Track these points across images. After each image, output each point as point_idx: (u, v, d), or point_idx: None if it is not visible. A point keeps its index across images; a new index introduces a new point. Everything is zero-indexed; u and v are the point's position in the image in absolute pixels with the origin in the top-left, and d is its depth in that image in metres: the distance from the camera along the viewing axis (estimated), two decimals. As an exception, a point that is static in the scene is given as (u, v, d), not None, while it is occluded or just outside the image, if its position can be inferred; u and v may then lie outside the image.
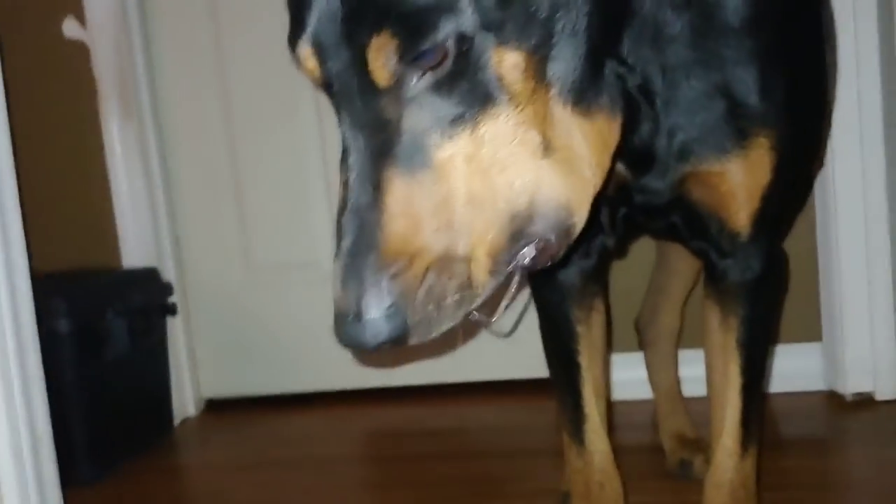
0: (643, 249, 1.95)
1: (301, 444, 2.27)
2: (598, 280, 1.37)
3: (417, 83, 0.83)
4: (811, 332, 2.26)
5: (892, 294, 2.10)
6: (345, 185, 0.87)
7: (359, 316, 0.84)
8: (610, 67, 0.98)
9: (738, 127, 1.13)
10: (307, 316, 2.52)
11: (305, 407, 2.53)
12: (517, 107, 0.86)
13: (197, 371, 2.59)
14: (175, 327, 2.48)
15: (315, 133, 2.46)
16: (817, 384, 2.25)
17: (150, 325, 2.30)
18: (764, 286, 1.26)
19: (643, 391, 2.07)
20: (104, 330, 2.14)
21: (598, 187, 0.95)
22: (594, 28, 0.91)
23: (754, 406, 1.30)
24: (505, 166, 0.86)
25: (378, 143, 0.85)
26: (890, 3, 1.97)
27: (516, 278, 0.92)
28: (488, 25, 0.83)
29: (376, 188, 0.85)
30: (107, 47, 2.39)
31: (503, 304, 0.94)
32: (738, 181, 1.15)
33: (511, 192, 0.87)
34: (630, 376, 2.18)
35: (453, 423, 2.33)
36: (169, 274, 2.48)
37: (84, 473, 2.06)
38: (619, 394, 2.25)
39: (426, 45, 0.81)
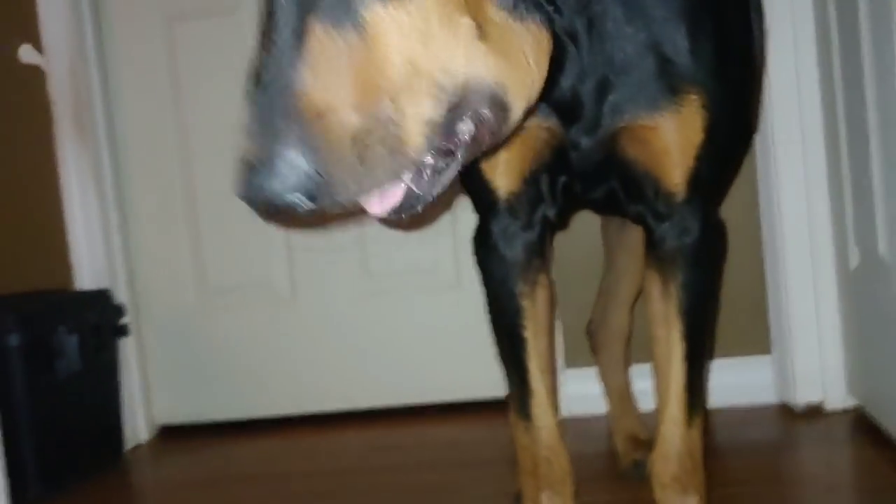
0: (599, 261, 1.99)
1: (257, 464, 2.24)
2: (541, 254, 1.38)
3: None
4: (760, 345, 2.30)
5: (838, 304, 2.14)
6: (262, 37, 0.83)
7: (266, 164, 0.78)
8: (538, 2, 0.97)
9: (668, 84, 1.17)
10: (262, 338, 2.52)
11: (263, 432, 2.50)
12: None
13: (150, 395, 2.56)
14: (128, 350, 2.46)
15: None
16: (768, 396, 2.28)
17: (102, 343, 2.29)
18: (702, 250, 1.28)
19: (598, 406, 2.10)
20: (55, 345, 2.12)
21: (538, 81, 0.94)
22: None
23: (698, 373, 1.32)
24: (437, 39, 0.84)
25: None
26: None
27: (458, 158, 0.88)
28: None
29: (297, 37, 0.80)
30: (62, 71, 2.41)
31: (442, 179, 0.89)
32: (671, 137, 1.19)
33: (444, 62, 0.85)
34: (585, 391, 2.20)
35: (410, 441, 2.31)
36: (122, 296, 2.46)
37: (33, 491, 2.03)
38: (574, 409, 2.27)
39: None
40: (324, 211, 0.82)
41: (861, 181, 1.88)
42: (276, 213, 0.82)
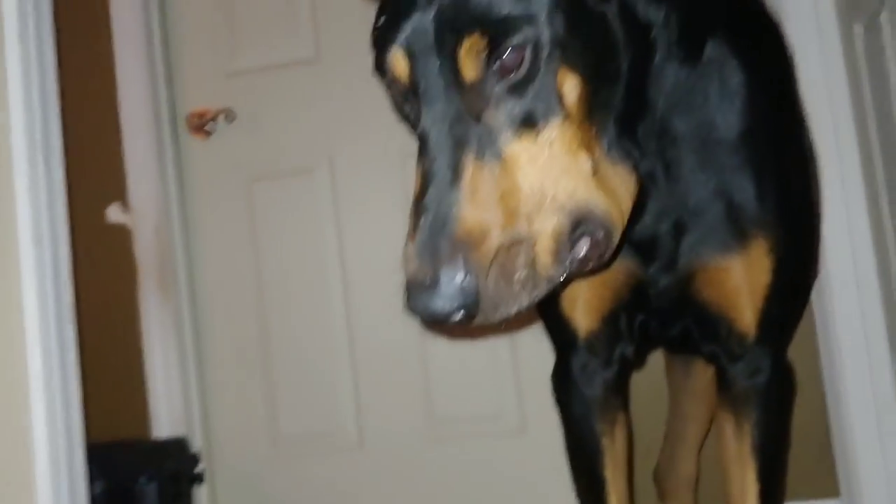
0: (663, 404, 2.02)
1: None
2: (619, 392, 1.43)
3: (497, 84, 0.98)
4: (829, 488, 2.28)
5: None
6: (422, 173, 0.98)
7: (434, 284, 0.92)
8: (627, 146, 1.12)
9: (738, 227, 1.26)
10: (331, 486, 2.56)
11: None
12: (573, 125, 1.00)
13: (221, 543, 2.60)
14: (201, 498, 2.52)
15: (341, 311, 2.59)
16: (838, 540, 2.26)
17: (179, 491, 2.35)
18: (774, 389, 1.34)
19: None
20: (136, 493, 2.19)
21: (624, 223, 1.07)
22: (624, 97, 1.08)
23: None
24: (563, 169, 0.99)
25: (459, 133, 0.98)
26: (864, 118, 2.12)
27: (569, 271, 1.01)
28: (558, 42, 0.98)
29: (455, 172, 0.96)
30: (148, 230, 2.57)
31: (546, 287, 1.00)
32: (742, 278, 1.26)
33: (569, 189, 0.99)
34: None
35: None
36: (197, 443, 2.54)
37: None
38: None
39: (511, 44, 0.96)
40: (478, 325, 0.95)
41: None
42: (438, 325, 0.96)
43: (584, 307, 1.36)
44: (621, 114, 1.08)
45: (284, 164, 2.66)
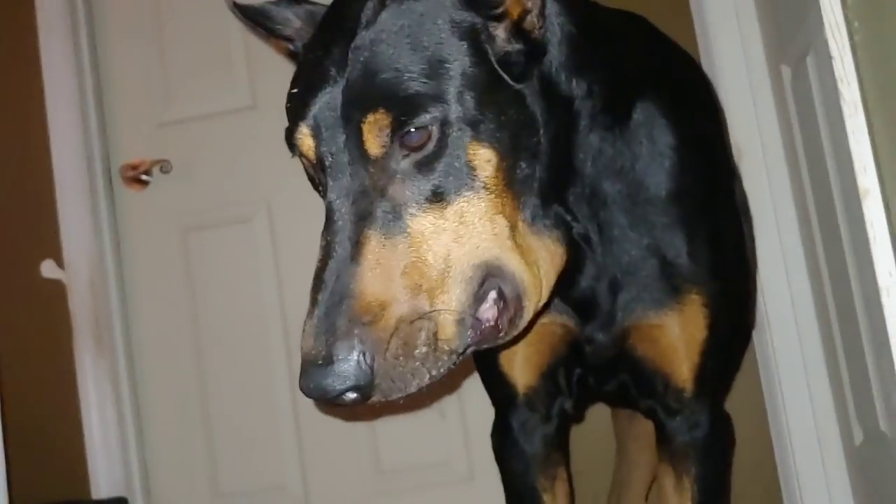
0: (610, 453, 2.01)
1: None
2: (559, 447, 1.43)
3: (403, 160, 0.98)
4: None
5: (849, 481, 2.14)
6: (325, 246, 0.98)
7: (327, 362, 0.90)
8: (558, 212, 1.13)
9: (671, 284, 1.26)
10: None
11: None
12: (487, 196, 1.00)
13: None
14: (142, 561, 2.46)
15: (283, 362, 2.54)
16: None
17: (118, 556, 2.29)
18: (713, 443, 1.34)
19: None
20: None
21: (545, 295, 1.07)
22: (548, 168, 1.08)
23: None
24: (473, 238, 0.99)
25: (362, 208, 0.98)
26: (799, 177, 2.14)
27: (477, 343, 1.00)
28: (468, 120, 0.99)
29: (355, 246, 0.95)
30: (82, 285, 2.52)
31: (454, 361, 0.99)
32: (677, 334, 1.27)
33: (477, 255, 0.99)
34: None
35: None
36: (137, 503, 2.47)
37: None
38: None
39: (415, 125, 0.97)
40: (374, 405, 0.93)
41: (855, 362, 1.92)
42: (333, 405, 0.93)
43: (522, 363, 1.36)
44: (547, 183, 1.08)
45: (222, 212, 2.62)
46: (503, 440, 1.44)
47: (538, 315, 1.10)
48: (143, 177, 2.60)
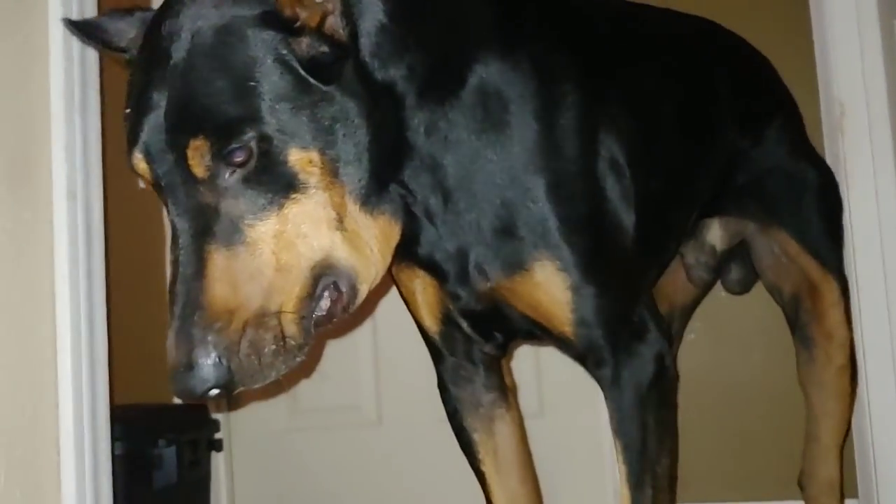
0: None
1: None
2: (494, 388, 1.50)
3: (230, 177, 1.05)
4: (847, 489, 2.27)
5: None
6: (174, 262, 1.06)
7: (189, 367, 0.99)
8: (394, 189, 1.20)
9: (517, 249, 1.28)
10: (347, 461, 2.57)
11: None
12: (315, 193, 1.07)
13: (236, 511, 2.62)
14: (218, 466, 2.54)
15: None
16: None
17: (198, 458, 2.36)
18: (621, 377, 1.32)
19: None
20: (155, 458, 2.20)
21: (380, 271, 1.16)
22: (374, 153, 1.13)
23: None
24: (306, 237, 1.07)
25: (200, 225, 1.05)
26: None
27: (314, 331, 1.09)
28: (284, 131, 1.05)
29: (199, 261, 1.03)
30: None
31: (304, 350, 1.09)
32: (535, 296, 1.28)
33: (311, 255, 1.07)
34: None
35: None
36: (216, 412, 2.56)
37: None
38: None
39: (234, 145, 1.03)
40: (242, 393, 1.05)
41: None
42: (201, 401, 1.06)
43: (425, 311, 1.44)
44: (378, 166, 1.13)
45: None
46: (440, 384, 1.54)
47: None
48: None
